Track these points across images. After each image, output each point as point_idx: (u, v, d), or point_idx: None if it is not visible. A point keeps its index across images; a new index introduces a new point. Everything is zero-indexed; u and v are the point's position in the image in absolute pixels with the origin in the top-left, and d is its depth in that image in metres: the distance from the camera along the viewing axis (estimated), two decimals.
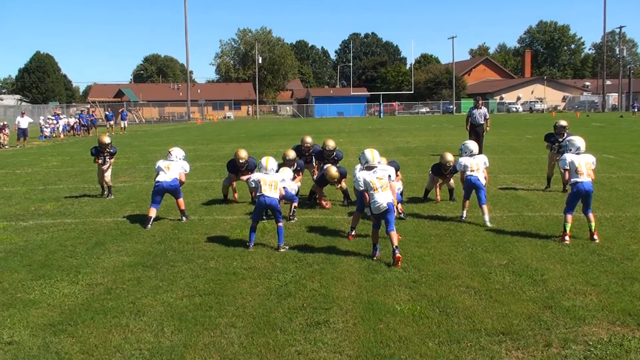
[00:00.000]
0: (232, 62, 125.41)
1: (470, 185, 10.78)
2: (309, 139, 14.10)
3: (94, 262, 8.94)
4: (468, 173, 10.80)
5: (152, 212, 11.36)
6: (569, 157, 9.53)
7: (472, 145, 11.36)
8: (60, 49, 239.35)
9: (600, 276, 7.63)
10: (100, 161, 14.82)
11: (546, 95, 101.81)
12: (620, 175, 16.59)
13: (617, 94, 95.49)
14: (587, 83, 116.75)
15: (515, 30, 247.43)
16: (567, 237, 9.30)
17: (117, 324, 6.45)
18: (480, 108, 22.73)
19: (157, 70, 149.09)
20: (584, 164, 9.41)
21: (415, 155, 23.64)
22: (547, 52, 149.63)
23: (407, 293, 7.16)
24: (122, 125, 53.27)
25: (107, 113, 54.29)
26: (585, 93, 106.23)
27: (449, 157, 12.49)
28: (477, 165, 10.91)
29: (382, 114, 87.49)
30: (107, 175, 14.99)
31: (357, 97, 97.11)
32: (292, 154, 12.80)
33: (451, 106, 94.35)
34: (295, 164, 12.83)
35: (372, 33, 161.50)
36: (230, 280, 7.86)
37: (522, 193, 14.13)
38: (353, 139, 32.77)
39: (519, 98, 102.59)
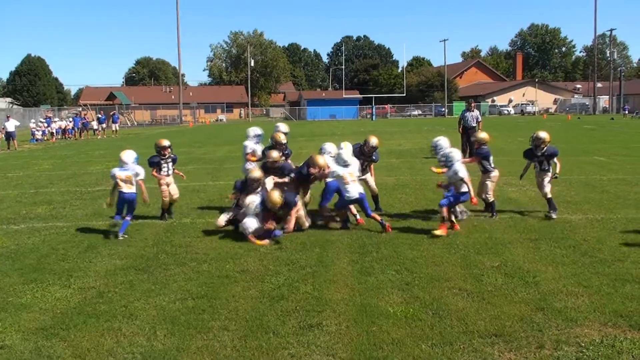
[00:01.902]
0: (224, 64, 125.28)
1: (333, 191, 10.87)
2: (283, 127, 12.68)
3: (86, 266, 8.90)
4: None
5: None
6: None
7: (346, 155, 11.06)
8: (51, 52, 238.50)
9: (592, 278, 7.66)
10: (164, 175, 11.89)
11: (537, 98, 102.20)
12: (611, 178, 16.66)
13: (608, 97, 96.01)
14: (578, 86, 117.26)
15: (507, 33, 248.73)
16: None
17: (109, 327, 6.43)
18: (473, 111, 22.80)
19: (149, 73, 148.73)
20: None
21: (407, 158, 23.69)
22: (538, 55, 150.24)
23: (400, 295, 7.17)
24: (114, 129, 53.15)
25: (99, 116, 54.22)
26: (576, 95, 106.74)
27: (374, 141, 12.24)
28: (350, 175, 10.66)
29: (374, 117, 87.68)
30: (175, 190, 12.13)
31: (350, 100, 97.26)
32: (274, 154, 11.48)
33: (443, 109, 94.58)
34: (282, 167, 11.43)
35: (364, 36, 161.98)
36: (223, 283, 7.85)
37: (513, 195, 14.17)
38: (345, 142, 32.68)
39: (510, 101, 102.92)
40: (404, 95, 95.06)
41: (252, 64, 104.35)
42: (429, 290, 7.33)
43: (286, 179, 11.21)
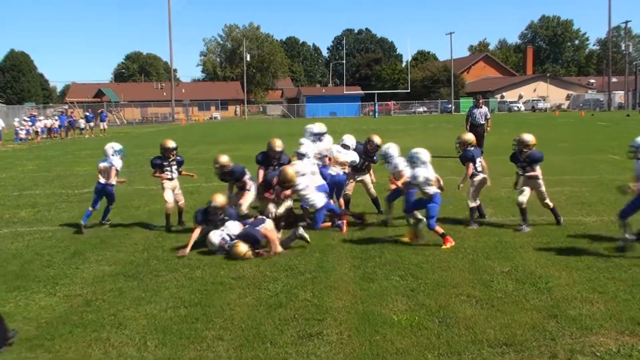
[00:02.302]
0: (218, 59, 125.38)
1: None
2: (279, 142, 12.13)
3: (72, 272, 8.89)
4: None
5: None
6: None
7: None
8: (36, 47, 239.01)
9: (608, 283, 7.64)
10: (166, 176, 11.73)
11: (549, 94, 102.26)
12: (626, 177, 16.61)
13: (623, 92, 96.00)
14: (592, 80, 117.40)
15: (517, 25, 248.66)
16: None
17: (97, 337, 6.41)
18: (481, 107, 22.80)
19: (139, 69, 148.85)
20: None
21: None
22: (549, 49, 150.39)
23: (404, 302, 7.15)
24: (102, 127, 53.16)
25: (86, 114, 54.24)
26: (590, 91, 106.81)
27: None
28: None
29: (377, 114, 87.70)
30: (181, 195, 12.01)
31: (351, 97, 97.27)
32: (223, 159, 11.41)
33: (450, 105, 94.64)
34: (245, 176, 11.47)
35: (366, 29, 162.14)
36: (217, 290, 7.83)
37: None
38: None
39: (520, 96, 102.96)
40: (408, 91, 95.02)
41: (248, 59, 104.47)
42: (436, 297, 7.32)
43: (248, 193, 11.42)
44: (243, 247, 9.36)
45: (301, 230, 9.86)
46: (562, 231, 10.44)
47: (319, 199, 11.00)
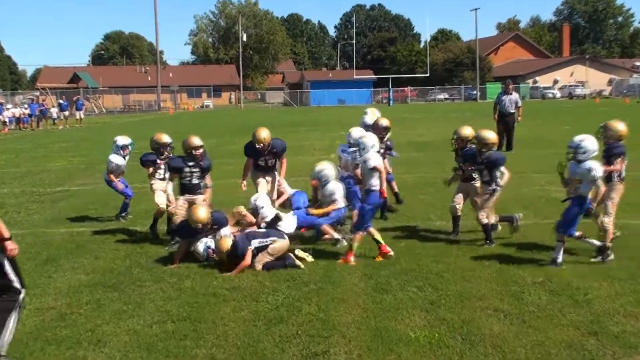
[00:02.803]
0: (210, 39, 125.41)
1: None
2: (264, 135, 11.47)
3: (44, 282, 8.91)
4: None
5: None
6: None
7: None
8: (3, 27, 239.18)
9: None
10: (155, 173, 11.63)
11: (588, 78, 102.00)
12: None
13: None
14: (638, 63, 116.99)
15: (551, 0, 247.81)
16: None
17: (72, 356, 6.43)
18: (511, 94, 22.78)
19: (120, 51, 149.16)
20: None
21: (431, 151, 23.62)
22: (589, 27, 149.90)
23: (423, 317, 7.16)
24: (78, 117, 53.16)
25: (60, 102, 54.21)
26: (635, 75, 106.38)
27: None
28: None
29: (391, 102, 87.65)
30: (173, 197, 11.63)
31: (362, 82, 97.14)
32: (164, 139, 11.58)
33: (474, 92, 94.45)
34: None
35: (379, 5, 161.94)
36: (209, 303, 7.84)
37: (559, 195, 14.09)
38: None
39: (556, 81, 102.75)
40: (427, 75, 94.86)
41: (245, 39, 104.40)
42: (458, 310, 7.32)
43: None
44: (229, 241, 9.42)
45: (292, 259, 9.45)
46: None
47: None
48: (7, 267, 5.97)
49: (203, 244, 9.68)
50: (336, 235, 10.52)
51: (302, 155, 22.93)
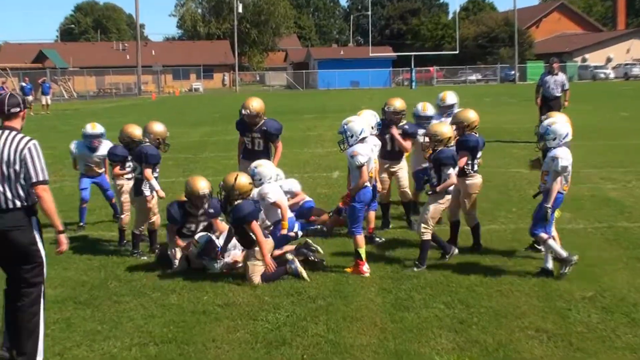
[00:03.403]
0: (200, 11, 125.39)
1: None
2: (255, 103, 11.78)
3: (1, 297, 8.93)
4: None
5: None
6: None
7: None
8: None
9: None
10: (126, 173, 11.66)
11: None
12: None
13: None
14: None
15: None
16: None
17: None
18: (556, 74, 22.69)
19: (93, 25, 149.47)
20: None
21: None
22: None
23: (451, 338, 7.17)
24: (44, 102, 53.14)
25: (23, 84, 54.12)
26: None
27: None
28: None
29: (414, 84, 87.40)
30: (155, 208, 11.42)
31: (379, 61, 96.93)
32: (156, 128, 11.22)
33: (512, 72, 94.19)
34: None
35: None
36: (199, 322, 7.87)
37: (614, 195, 14.09)
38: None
39: (609, 59, 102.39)
40: (457, 52, 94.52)
41: (240, 10, 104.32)
42: (493, 331, 7.33)
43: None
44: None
45: (296, 264, 9.51)
46: None
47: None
48: (45, 263, 6.91)
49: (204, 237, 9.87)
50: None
51: (309, 147, 22.99)
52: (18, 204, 6.60)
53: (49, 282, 9.39)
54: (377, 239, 11.14)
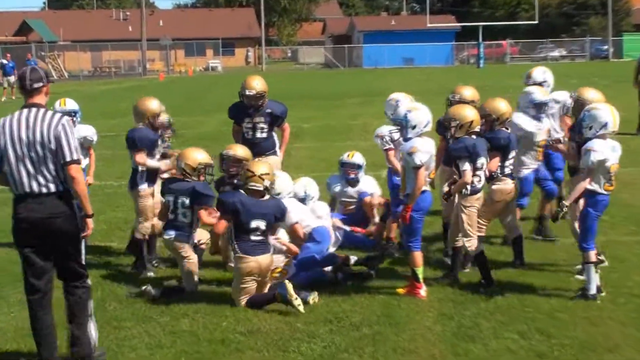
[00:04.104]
0: None
1: None
2: (258, 82, 12.14)
3: None
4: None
5: None
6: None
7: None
8: None
9: None
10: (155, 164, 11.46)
11: None
12: None
13: None
14: None
15: None
16: None
17: None
18: None
19: None
20: None
21: None
22: None
23: None
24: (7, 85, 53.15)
25: (3, 62, 54.35)
26: None
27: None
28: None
29: (482, 61, 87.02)
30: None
31: (439, 33, 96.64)
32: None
33: (605, 46, 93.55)
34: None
35: None
36: (216, 353, 7.92)
37: None
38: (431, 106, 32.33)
39: None
40: (536, 23, 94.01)
41: None
42: None
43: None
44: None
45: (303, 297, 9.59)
46: None
47: None
48: (84, 251, 7.68)
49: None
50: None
51: (352, 139, 22.98)
52: (52, 188, 7.21)
53: None
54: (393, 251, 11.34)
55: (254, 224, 9.27)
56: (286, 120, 12.31)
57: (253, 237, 9.30)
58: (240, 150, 10.99)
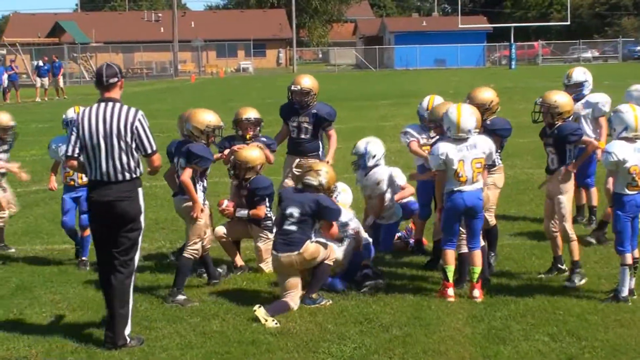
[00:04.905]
0: None
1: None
2: (307, 80, 12.30)
3: (13, 321, 9.12)
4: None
5: None
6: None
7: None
8: None
9: None
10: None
11: None
12: None
13: None
14: None
15: None
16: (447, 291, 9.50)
17: None
18: None
19: None
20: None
21: None
22: None
23: None
24: (61, 84, 53.05)
25: (40, 64, 53.97)
26: None
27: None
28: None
29: (513, 63, 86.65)
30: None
31: (471, 34, 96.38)
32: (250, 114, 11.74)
33: (638, 47, 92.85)
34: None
35: None
36: (246, 354, 7.93)
37: None
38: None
39: None
40: (568, 24, 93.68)
41: None
42: None
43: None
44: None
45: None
46: None
47: None
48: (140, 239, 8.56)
49: None
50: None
51: (383, 141, 22.89)
52: (127, 176, 8.07)
53: (67, 303, 9.61)
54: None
55: (289, 210, 9.41)
56: (334, 124, 12.23)
57: (285, 227, 9.37)
58: (252, 113, 11.51)
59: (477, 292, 9.41)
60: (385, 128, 26.78)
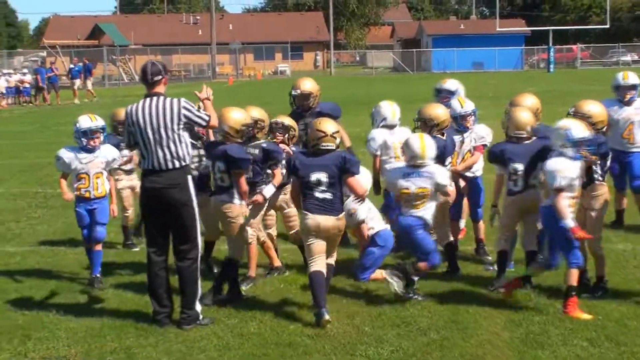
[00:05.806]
0: None
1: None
2: (307, 83, 12.65)
3: (53, 321, 9.13)
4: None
5: None
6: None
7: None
8: None
9: None
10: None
11: None
12: None
13: None
14: None
15: None
16: None
17: None
18: None
19: None
20: None
21: None
22: None
23: None
24: (89, 86, 52.80)
25: (71, 66, 54.07)
26: None
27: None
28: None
29: (552, 66, 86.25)
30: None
31: (509, 37, 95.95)
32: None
33: None
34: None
35: None
36: (283, 355, 7.95)
37: None
38: (500, 112, 31.91)
39: None
40: (607, 27, 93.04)
41: None
42: None
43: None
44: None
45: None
46: None
47: None
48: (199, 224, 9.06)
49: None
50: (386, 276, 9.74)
51: None
52: (177, 164, 8.65)
53: (106, 303, 9.65)
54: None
55: (314, 176, 9.10)
56: (340, 120, 11.91)
57: (318, 194, 9.11)
58: (287, 119, 11.38)
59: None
60: None
